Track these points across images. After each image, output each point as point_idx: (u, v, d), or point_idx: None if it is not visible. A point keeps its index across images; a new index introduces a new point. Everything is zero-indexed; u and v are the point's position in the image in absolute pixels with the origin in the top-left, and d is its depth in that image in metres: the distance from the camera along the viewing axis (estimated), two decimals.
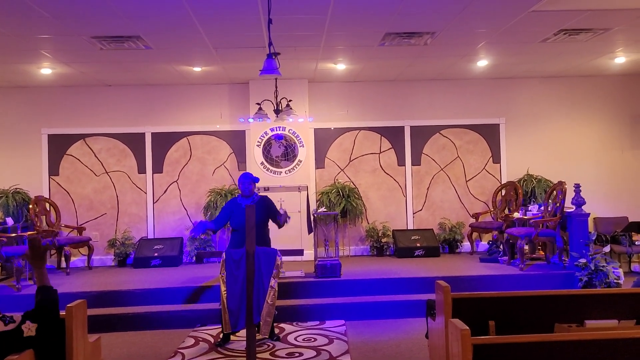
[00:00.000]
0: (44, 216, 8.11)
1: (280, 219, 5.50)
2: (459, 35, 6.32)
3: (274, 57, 4.88)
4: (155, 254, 8.09)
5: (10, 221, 7.69)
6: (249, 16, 5.38)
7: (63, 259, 7.87)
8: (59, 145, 8.63)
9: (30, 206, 7.85)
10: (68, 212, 8.58)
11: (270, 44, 4.88)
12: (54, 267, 8.18)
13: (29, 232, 7.38)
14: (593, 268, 6.28)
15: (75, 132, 8.65)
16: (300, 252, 5.03)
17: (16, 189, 8.26)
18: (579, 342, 2.72)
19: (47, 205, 8.26)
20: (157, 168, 8.75)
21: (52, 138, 8.63)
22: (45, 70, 7.45)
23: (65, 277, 7.46)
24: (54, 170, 8.62)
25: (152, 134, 8.74)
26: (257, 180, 5.60)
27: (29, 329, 2.83)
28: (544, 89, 9.02)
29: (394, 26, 5.88)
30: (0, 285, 6.89)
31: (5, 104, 8.59)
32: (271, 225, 5.62)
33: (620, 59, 7.74)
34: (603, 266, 6.28)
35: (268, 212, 5.52)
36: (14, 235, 7.13)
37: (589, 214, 6.90)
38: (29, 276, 7.03)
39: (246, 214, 4.27)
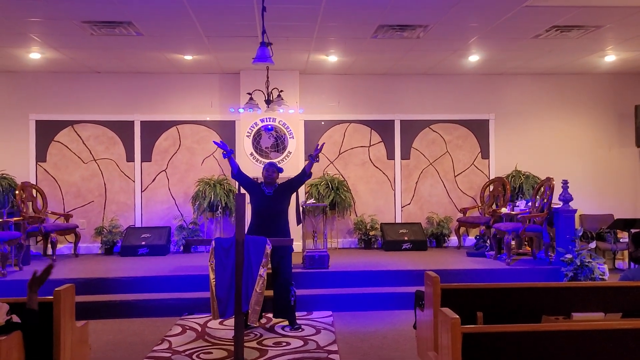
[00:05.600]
0: (31, 202, 8.03)
1: (307, 168, 5.56)
2: (452, 30, 6.34)
3: (267, 45, 4.85)
4: (143, 243, 8.05)
5: None
6: (243, 4, 5.34)
7: (49, 245, 7.80)
8: (46, 132, 8.53)
9: (17, 192, 7.76)
10: (55, 199, 8.50)
11: (263, 32, 4.86)
12: (40, 253, 8.12)
13: (15, 219, 7.30)
14: (579, 264, 6.35)
15: (63, 118, 8.55)
16: (289, 242, 5.04)
17: (2, 174, 8.16)
18: (567, 332, 2.75)
19: (34, 191, 8.17)
20: (146, 156, 8.68)
21: (39, 124, 8.52)
22: (35, 55, 7.35)
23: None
24: (41, 156, 8.52)
25: (142, 122, 8.66)
26: (281, 170, 5.69)
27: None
28: (534, 86, 9.09)
29: (387, 18, 5.88)
30: None
31: None
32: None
33: (611, 57, 7.81)
34: (588, 262, 6.35)
35: (290, 191, 5.64)
36: None
37: (576, 210, 6.97)
38: (14, 262, 6.96)
39: (236, 202, 4.27)
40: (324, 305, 6.26)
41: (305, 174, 5.59)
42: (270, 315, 5.87)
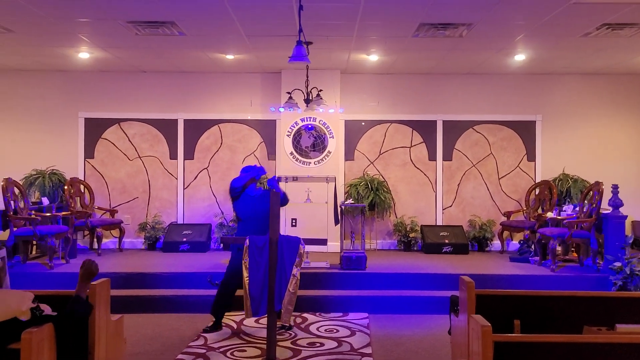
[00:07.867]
0: (79, 197, 8.31)
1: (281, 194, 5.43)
2: (496, 28, 6.16)
3: (303, 44, 4.84)
4: (184, 239, 8.20)
5: (45, 201, 7.90)
6: (282, 3, 5.35)
7: (95, 240, 8.06)
8: (94, 129, 8.81)
9: (66, 187, 8.06)
10: (101, 194, 8.77)
11: (300, 30, 4.85)
12: (87, 247, 8.39)
13: (63, 213, 7.57)
14: (628, 272, 6.05)
15: (110, 116, 8.81)
16: (323, 242, 5.02)
17: (52, 170, 8.47)
18: (607, 344, 2.61)
19: (82, 187, 8.46)
20: (189, 154, 8.84)
21: (88, 121, 8.82)
22: (84, 55, 7.60)
23: (97, 257, 7.63)
24: (89, 153, 8.81)
25: (185, 120, 8.83)
26: (258, 175, 5.57)
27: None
28: (583, 86, 8.73)
29: (428, 17, 5.76)
30: (34, 263, 7.10)
31: (45, 87, 8.81)
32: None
33: None
34: (639, 271, 6.06)
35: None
36: (48, 214, 7.31)
37: (627, 216, 6.67)
38: (61, 255, 7.22)
39: (271, 201, 4.27)
40: (360, 306, 6.21)
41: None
42: (305, 315, 5.87)
